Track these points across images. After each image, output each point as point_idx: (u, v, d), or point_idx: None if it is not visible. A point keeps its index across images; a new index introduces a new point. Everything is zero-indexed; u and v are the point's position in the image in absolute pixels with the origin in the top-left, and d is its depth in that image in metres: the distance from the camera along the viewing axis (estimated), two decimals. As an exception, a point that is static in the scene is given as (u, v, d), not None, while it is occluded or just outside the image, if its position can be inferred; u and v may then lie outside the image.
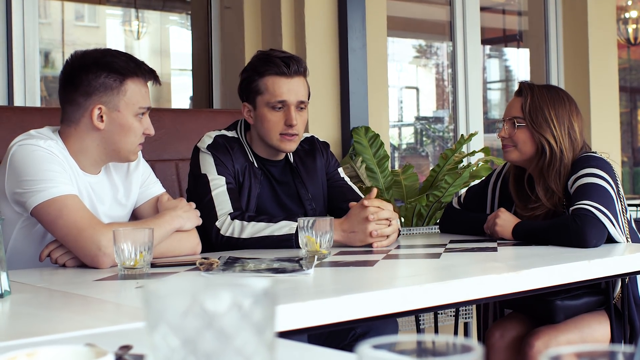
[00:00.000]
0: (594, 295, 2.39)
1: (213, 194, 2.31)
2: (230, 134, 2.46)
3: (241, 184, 2.38)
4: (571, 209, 2.18)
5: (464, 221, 2.57)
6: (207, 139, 2.40)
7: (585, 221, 2.12)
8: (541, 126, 2.35)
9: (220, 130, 2.47)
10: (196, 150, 2.42)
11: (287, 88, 2.36)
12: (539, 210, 2.37)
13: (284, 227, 2.22)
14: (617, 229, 2.16)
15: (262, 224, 2.23)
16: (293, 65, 2.37)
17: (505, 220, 2.33)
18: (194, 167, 2.41)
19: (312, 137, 2.60)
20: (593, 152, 2.35)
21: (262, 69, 2.37)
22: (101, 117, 2.01)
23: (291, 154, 2.50)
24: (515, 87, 2.50)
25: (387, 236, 2.23)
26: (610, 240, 2.16)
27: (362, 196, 2.51)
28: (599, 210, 2.13)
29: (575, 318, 2.37)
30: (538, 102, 2.37)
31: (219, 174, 2.34)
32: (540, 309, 2.41)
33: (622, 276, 2.15)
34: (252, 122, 2.43)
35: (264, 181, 2.44)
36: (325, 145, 2.62)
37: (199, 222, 2.14)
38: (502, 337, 2.47)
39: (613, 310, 2.32)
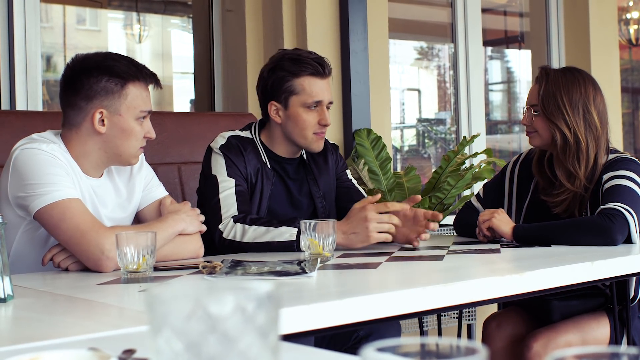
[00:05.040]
0: (593, 296, 2.39)
1: (221, 196, 2.31)
2: (244, 134, 2.46)
3: (254, 186, 2.38)
4: (602, 207, 2.20)
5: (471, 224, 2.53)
6: (221, 140, 2.40)
7: (617, 221, 2.15)
8: (553, 114, 2.35)
9: (234, 130, 2.47)
10: (209, 150, 2.41)
11: (322, 88, 2.41)
12: (563, 194, 2.36)
13: (284, 233, 2.21)
14: (637, 231, 2.19)
15: (262, 228, 2.23)
16: (327, 66, 2.42)
17: (504, 218, 2.32)
18: (205, 167, 2.41)
19: None
20: (628, 155, 2.37)
21: (296, 69, 2.38)
22: (102, 121, 2.01)
23: (304, 151, 2.52)
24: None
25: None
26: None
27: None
28: (629, 213, 2.17)
29: (573, 319, 2.36)
30: (551, 89, 2.36)
31: (229, 175, 2.34)
32: (537, 308, 2.41)
33: (626, 277, 2.15)
34: (279, 121, 2.43)
35: (276, 181, 2.44)
36: (335, 146, 2.65)
37: (203, 228, 2.13)
38: (499, 327, 2.51)
39: (617, 312, 2.31)
